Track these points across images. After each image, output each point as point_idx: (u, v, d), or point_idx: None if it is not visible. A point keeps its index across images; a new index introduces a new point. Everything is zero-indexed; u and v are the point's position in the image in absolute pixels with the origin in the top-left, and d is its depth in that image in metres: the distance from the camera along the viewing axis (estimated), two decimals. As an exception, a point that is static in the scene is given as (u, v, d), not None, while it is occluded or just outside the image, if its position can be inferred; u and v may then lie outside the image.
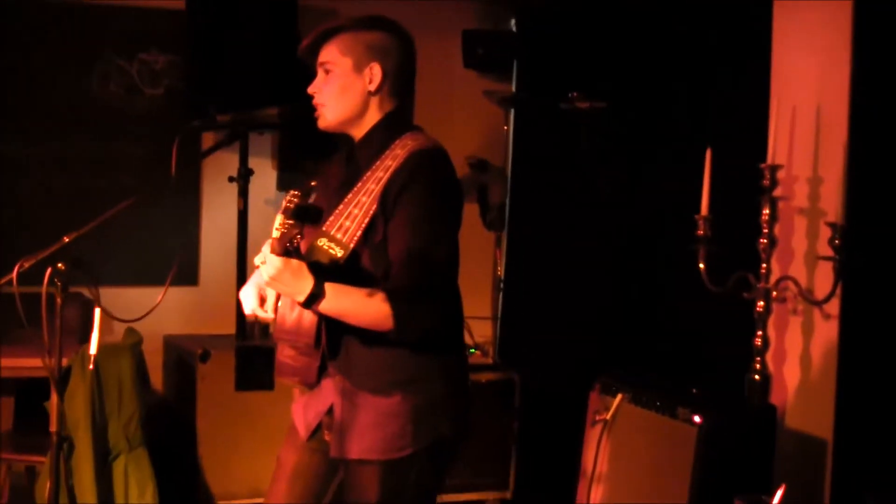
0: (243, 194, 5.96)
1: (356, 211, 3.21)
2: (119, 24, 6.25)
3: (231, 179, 5.94)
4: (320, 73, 3.39)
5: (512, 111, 7.20)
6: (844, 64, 4.57)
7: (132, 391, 5.15)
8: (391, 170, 3.23)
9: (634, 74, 6.01)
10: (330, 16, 6.69)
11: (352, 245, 3.18)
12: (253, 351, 5.79)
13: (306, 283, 3.05)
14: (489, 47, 6.98)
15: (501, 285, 7.06)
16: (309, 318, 3.23)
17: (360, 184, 3.27)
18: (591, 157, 5.98)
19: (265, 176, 6.43)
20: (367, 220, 3.19)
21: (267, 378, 5.72)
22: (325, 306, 3.10)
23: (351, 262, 3.19)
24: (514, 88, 7.31)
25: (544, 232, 6.77)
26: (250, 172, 5.95)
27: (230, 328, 6.10)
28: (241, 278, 6.01)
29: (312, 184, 3.37)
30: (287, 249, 3.04)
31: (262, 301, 3.36)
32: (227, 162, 6.01)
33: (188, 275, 6.36)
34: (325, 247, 3.17)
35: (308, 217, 3.06)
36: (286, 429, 3.58)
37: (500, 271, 7.05)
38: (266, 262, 3.07)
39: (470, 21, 7.12)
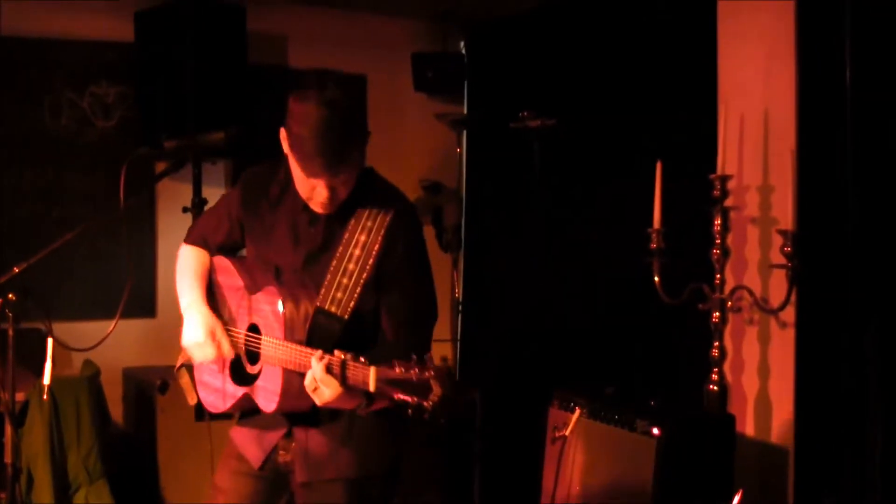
0: (197, 224, 5.94)
1: (345, 281, 3.16)
2: (69, 57, 6.22)
3: (185, 210, 5.91)
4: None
5: (464, 133, 7.21)
6: (790, 71, 4.61)
7: (91, 423, 5.12)
8: (376, 233, 3.18)
9: (584, 91, 6.03)
10: (280, 42, 6.71)
11: (346, 317, 3.14)
12: (212, 381, 5.75)
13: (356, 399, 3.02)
14: (439, 70, 7.01)
15: (459, 307, 7.05)
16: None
17: (340, 249, 3.20)
18: (543, 174, 5.98)
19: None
20: (358, 289, 3.15)
21: (226, 407, 5.72)
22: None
23: (345, 329, 3.14)
24: (465, 110, 7.32)
25: (500, 252, 6.79)
26: (204, 202, 5.92)
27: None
28: (199, 307, 5.98)
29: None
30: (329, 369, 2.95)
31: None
32: (182, 192, 5.99)
33: (146, 306, 6.32)
34: (324, 322, 3.14)
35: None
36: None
37: (458, 293, 7.04)
38: (320, 388, 2.96)
39: (419, 43, 7.14)
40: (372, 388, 2.79)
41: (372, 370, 2.78)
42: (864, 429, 4.36)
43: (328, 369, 2.91)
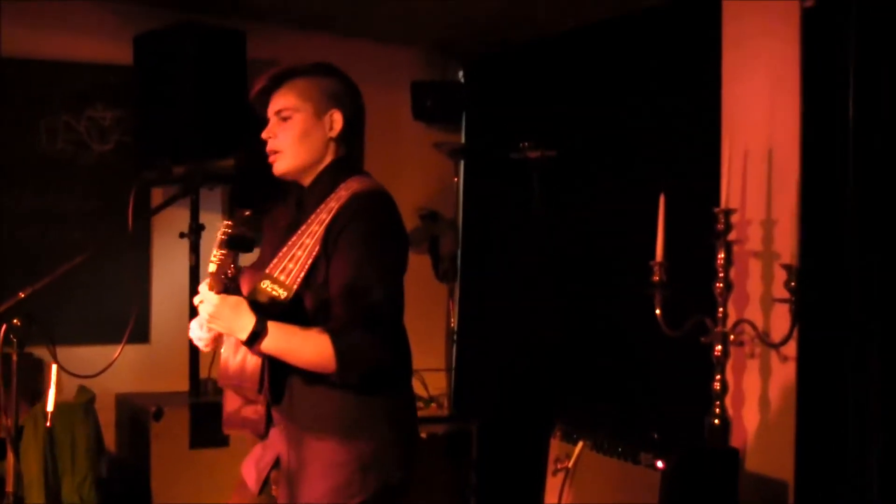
0: (195, 250, 5.93)
1: (299, 252, 3.18)
2: (66, 80, 6.20)
3: (182, 235, 5.89)
4: (274, 119, 3.36)
5: (462, 162, 7.21)
6: (794, 106, 4.63)
7: (86, 450, 5.09)
8: (334, 211, 3.21)
9: (584, 123, 6.04)
10: (273, 66, 6.69)
11: (294, 286, 3.14)
12: (207, 408, 5.74)
13: (247, 320, 3.03)
14: (438, 98, 7.00)
15: (455, 336, 7.04)
16: (253, 361, 3.18)
17: (304, 226, 3.25)
18: (543, 205, 5.98)
19: (216, 231, 6.36)
20: (310, 261, 3.16)
21: (221, 435, 5.66)
22: (268, 345, 3.07)
23: (294, 303, 3.15)
24: (462, 139, 7.32)
25: (497, 282, 6.77)
26: (201, 227, 5.90)
27: (182, 385, 6.05)
28: (195, 334, 5.96)
29: (246, 213, 3.29)
30: (226, 286, 3.01)
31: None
32: (177, 217, 5.97)
33: (139, 332, 6.27)
34: (268, 288, 3.13)
35: (240, 245, 3.05)
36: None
37: (454, 322, 7.03)
38: (203, 301, 3.05)
39: (418, 72, 7.15)
40: (213, 267, 3.02)
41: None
42: (863, 464, 4.36)
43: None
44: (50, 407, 3.39)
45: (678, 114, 5.37)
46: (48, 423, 3.85)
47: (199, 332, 3.34)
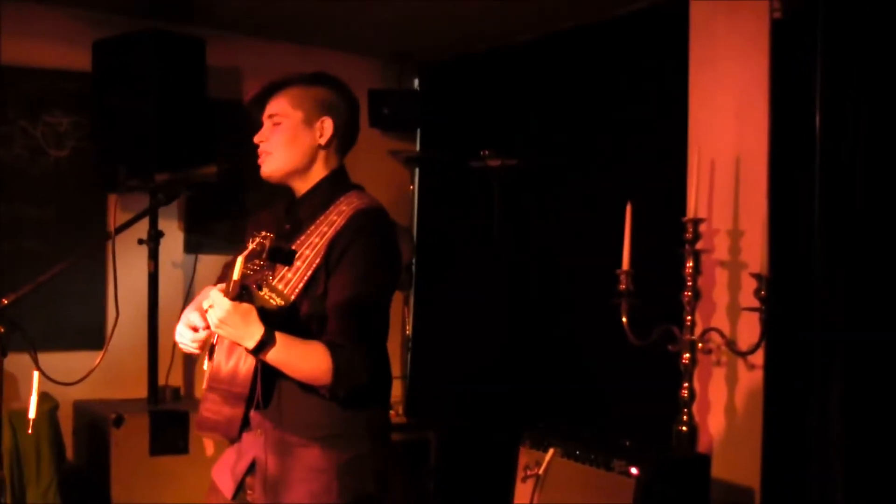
0: (154, 257, 5.89)
1: (299, 263, 3.21)
2: (23, 86, 6.11)
3: (141, 242, 5.85)
4: (268, 124, 3.41)
5: (417, 170, 7.22)
6: (762, 116, 4.69)
7: (50, 458, 5.03)
8: (336, 226, 3.26)
9: (547, 131, 6.07)
10: (235, 76, 6.69)
11: (293, 297, 3.19)
12: (167, 415, 5.74)
13: (256, 330, 3.04)
14: (395, 106, 7.01)
15: (410, 344, 7.05)
16: (246, 367, 3.22)
17: (303, 237, 3.29)
18: (503, 214, 6.00)
19: (172, 239, 6.34)
20: (309, 272, 3.21)
21: (181, 442, 5.69)
22: (272, 355, 3.09)
23: (290, 312, 3.17)
24: (418, 147, 7.33)
25: (453, 290, 6.79)
26: (160, 235, 5.87)
27: (139, 392, 6.03)
28: (153, 341, 5.92)
29: (267, 234, 3.36)
30: (241, 294, 3.02)
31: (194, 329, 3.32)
32: (134, 224, 5.91)
33: (96, 339, 6.21)
34: (267, 296, 3.13)
35: (282, 258, 3.05)
36: (203, 491, 3.54)
37: (409, 330, 7.04)
38: (214, 306, 3.05)
39: (375, 80, 7.16)
40: (237, 275, 2.96)
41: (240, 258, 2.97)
42: (828, 470, 4.41)
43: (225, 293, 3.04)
44: (32, 414, 3.35)
45: (644, 123, 5.42)
46: (29, 431, 3.81)
47: (189, 334, 3.32)
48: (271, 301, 3.11)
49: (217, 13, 6.23)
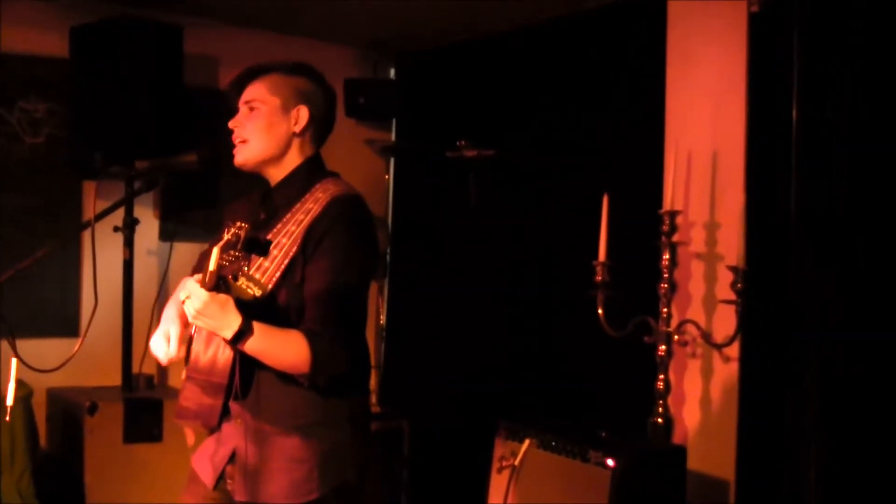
0: (129, 244, 5.86)
1: (275, 252, 3.23)
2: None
3: (116, 229, 5.82)
4: (244, 109, 3.43)
5: (392, 160, 7.22)
6: (739, 109, 4.70)
7: (24, 445, 5.02)
8: (312, 213, 3.28)
9: (524, 122, 6.07)
10: (212, 64, 6.66)
11: (270, 286, 3.20)
12: (141, 403, 5.72)
13: (234, 319, 3.05)
14: (371, 96, 6.99)
15: (384, 334, 7.06)
16: (224, 356, 3.24)
17: (279, 225, 3.31)
18: (479, 205, 6.00)
19: (147, 226, 6.30)
20: (286, 261, 3.22)
21: (156, 430, 5.68)
22: (250, 345, 3.10)
23: (267, 301, 3.18)
24: (393, 137, 7.33)
25: (428, 280, 6.79)
26: (136, 222, 5.84)
27: (112, 380, 6.00)
28: (128, 329, 5.90)
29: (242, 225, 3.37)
30: (218, 285, 3.02)
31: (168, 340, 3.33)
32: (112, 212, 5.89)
33: (69, 326, 6.18)
34: (244, 286, 3.13)
35: (258, 249, 3.06)
36: (180, 479, 3.57)
37: (383, 319, 7.05)
38: (191, 297, 3.05)
39: (351, 69, 7.14)
40: (213, 265, 2.97)
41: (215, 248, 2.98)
42: (801, 463, 4.44)
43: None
44: (10, 401, 3.35)
45: (621, 114, 5.42)
46: (7, 418, 3.80)
47: (164, 348, 3.32)
48: (248, 291, 3.11)
49: (195, 1, 6.20)
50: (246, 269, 3.20)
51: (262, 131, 3.38)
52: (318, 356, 3.14)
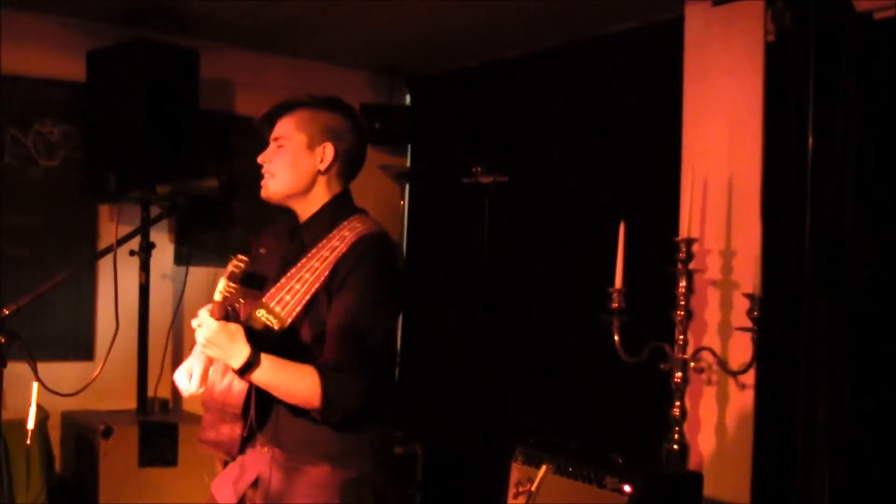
0: (145, 268, 5.87)
1: (298, 286, 3.23)
2: (14, 94, 6.08)
3: (133, 253, 5.83)
4: (273, 145, 3.43)
5: (407, 185, 7.24)
6: (755, 138, 4.71)
7: (39, 468, 5.02)
8: (338, 251, 3.27)
9: (539, 148, 6.08)
10: (227, 87, 6.69)
11: (289, 320, 3.20)
12: (156, 427, 5.73)
13: (243, 350, 3.07)
14: (386, 121, 7.01)
15: (397, 359, 7.05)
16: (239, 386, 3.24)
17: (304, 260, 3.30)
18: (493, 231, 6.01)
19: (162, 250, 6.33)
20: (307, 296, 3.22)
21: (170, 454, 5.67)
22: (259, 376, 3.12)
23: (286, 335, 3.20)
24: (408, 163, 7.35)
25: (443, 305, 6.79)
26: (152, 246, 5.86)
27: (127, 403, 6.00)
28: (143, 352, 5.90)
29: (262, 251, 3.39)
30: (227, 314, 3.04)
31: (191, 376, 3.36)
32: (122, 235, 5.90)
33: (84, 349, 6.20)
34: (263, 317, 3.17)
35: (253, 283, 3.09)
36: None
37: (398, 344, 7.04)
38: (202, 325, 3.08)
39: (366, 94, 7.17)
40: (219, 295, 3.05)
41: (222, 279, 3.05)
42: (815, 491, 4.44)
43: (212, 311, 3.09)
44: (31, 424, 3.36)
45: (637, 141, 5.43)
46: (28, 441, 3.80)
47: (185, 384, 3.37)
48: (267, 322, 3.14)
49: (211, 25, 6.23)
50: (267, 301, 3.22)
51: (288, 168, 3.38)
52: (329, 392, 3.14)
